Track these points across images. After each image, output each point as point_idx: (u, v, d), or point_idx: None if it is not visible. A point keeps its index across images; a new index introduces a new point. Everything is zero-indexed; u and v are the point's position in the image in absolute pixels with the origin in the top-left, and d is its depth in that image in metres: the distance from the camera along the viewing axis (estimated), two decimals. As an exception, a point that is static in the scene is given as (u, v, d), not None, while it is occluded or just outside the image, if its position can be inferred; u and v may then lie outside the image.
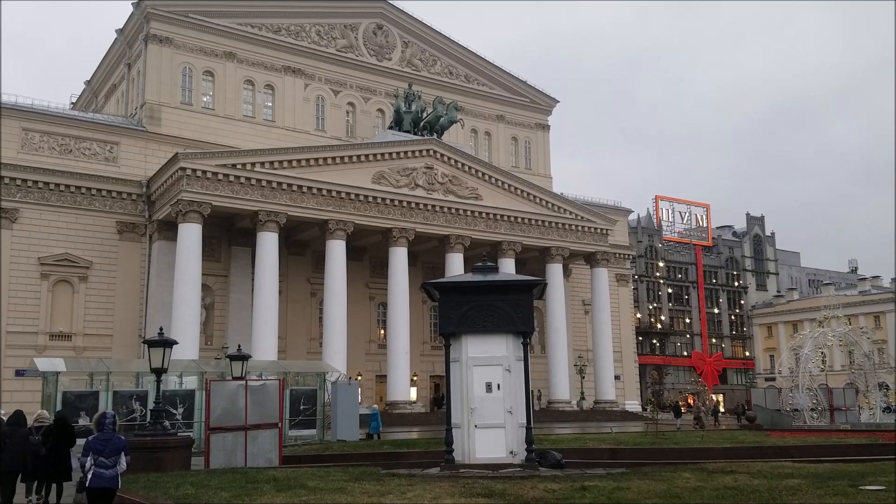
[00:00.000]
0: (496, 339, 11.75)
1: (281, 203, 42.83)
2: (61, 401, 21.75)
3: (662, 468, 11.44)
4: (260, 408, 15.22)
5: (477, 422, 11.53)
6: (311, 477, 10.90)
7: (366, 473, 11.33)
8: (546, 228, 52.58)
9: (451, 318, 11.83)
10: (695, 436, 21.61)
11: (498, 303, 11.70)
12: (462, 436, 11.62)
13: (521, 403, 11.63)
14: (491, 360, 11.71)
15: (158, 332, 14.48)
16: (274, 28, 51.89)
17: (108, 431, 10.28)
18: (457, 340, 11.90)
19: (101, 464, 9.96)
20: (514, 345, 11.83)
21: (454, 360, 11.88)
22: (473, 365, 11.72)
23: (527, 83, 62.39)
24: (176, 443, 13.47)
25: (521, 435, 11.50)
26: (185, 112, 47.69)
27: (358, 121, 54.99)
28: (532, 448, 11.46)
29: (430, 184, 48.67)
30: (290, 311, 47.94)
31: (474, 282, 11.94)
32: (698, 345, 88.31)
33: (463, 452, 11.52)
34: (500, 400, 11.57)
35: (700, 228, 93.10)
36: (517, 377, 11.72)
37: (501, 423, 11.50)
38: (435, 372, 54.56)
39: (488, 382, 11.69)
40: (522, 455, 11.44)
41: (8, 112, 41.45)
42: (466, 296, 11.85)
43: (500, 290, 11.87)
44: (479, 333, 11.77)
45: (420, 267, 53.96)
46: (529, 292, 11.93)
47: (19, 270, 40.41)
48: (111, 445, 10.10)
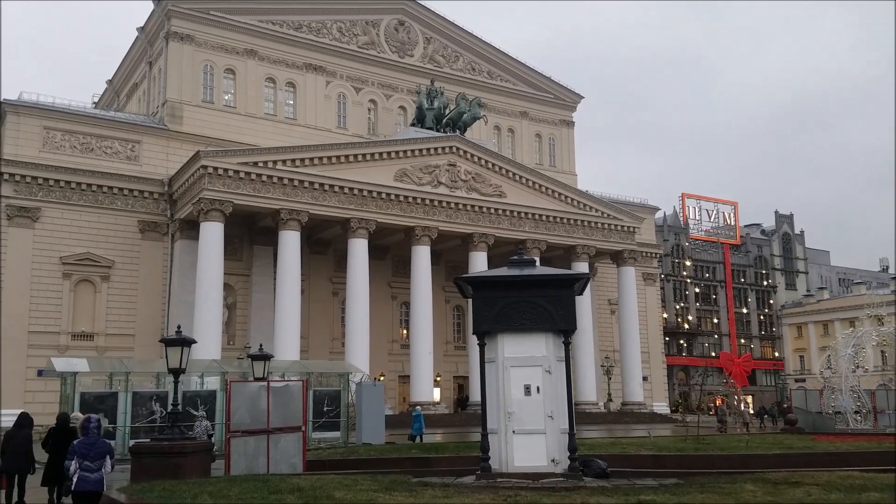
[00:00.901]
0: (535, 338, 10.88)
1: (303, 201, 42.30)
2: (79, 402, 21.23)
3: (718, 478, 10.53)
4: (283, 410, 14.49)
5: (515, 427, 10.68)
6: (337, 486, 10.14)
7: (396, 482, 10.53)
8: (571, 226, 51.53)
9: (485, 316, 10.98)
10: (737, 440, 20.59)
11: (537, 299, 10.83)
12: (499, 442, 10.78)
13: (562, 407, 10.75)
14: (529, 360, 10.84)
15: (176, 330, 13.79)
16: (295, 25, 51.39)
17: (93, 435, 10.42)
18: (492, 339, 11.05)
19: (87, 467, 10.06)
20: (554, 344, 10.95)
21: (489, 360, 11.03)
22: (510, 366, 10.86)
23: (550, 79, 61.35)
24: (194, 447, 12.73)
25: (563, 442, 10.62)
26: (207, 110, 47.34)
27: (380, 118, 54.34)
28: (575, 456, 10.59)
29: (453, 181, 47.86)
30: (312, 310, 47.40)
31: (511, 276, 11.07)
32: (726, 345, 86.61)
33: (500, 460, 10.68)
34: (539, 404, 10.70)
35: (728, 227, 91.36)
36: (558, 379, 10.85)
37: (542, 429, 10.63)
38: (458, 372, 53.80)
39: (527, 385, 10.82)
40: (565, 463, 10.56)
41: (29, 111, 41.31)
42: (502, 291, 10.99)
43: (539, 285, 10.98)
44: (516, 332, 10.91)
45: (443, 266, 53.21)
46: (571, 287, 11.04)
47: (41, 270, 40.22)
48: (96, 449, 10.21)
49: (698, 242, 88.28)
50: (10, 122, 40.88)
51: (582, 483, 10.19)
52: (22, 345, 38.82)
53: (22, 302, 39.33)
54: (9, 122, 40.86)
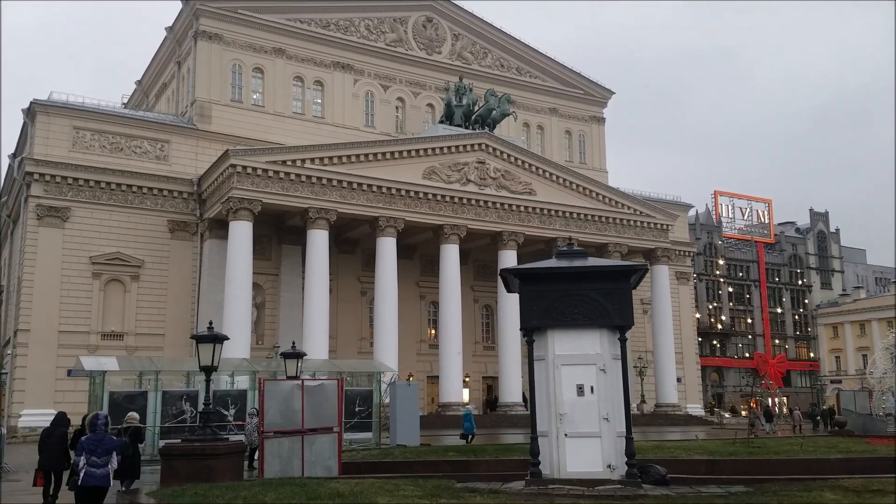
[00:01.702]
0: (588, 335, 10.15)
1: (331, 200, 41.94)
2: (108, 401, 20.88)
3: (788, 485, 9.72)
4: (317, 410, 13.88)
5: (567, 430, 9.96)
6: (379, 491, 9.53)
7: (440, 488, 9.88)
8: (603, 224, 50.56)
9: (534, 311, 10.26)
10: (788, 444, 19.64)
11: (590, 292, 10.09)
12: (550, 446, 10.06)
13: (619, 409, 10.01)
14: (582, 358, 10.11)
15: (208, 326, 13.26)
16: (323, 23, 51.07)
17: (101, 432, 10.65)
18: (541, 336, 10.34)
19: (93, 463, 10.31)
20: (609, 341, 10.21)
21: (538, 358, 10.31)
22: (561, 364, 10.14)
23: (580, 74, 60.38)
24: (227, 449, 12.17)
25: (619, 446, 9.86)
26: (236, 109, 47.19)
27: (407, 116, 53.84)
28: (634, 462, 9.83)
29: (482, 179, 47.18)
30: (341, 310, 47.02)
31: (562, 268, 10.35)
32: (761, 346, 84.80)
33: (551, 465, 9.97)
34: (594, 405, 9.97)
35: (761, 225, 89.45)
36: (614, 378, 10.11)
37: (596, 432, 9.90)
38: (487, 373, 53.13)
39: (579, 385, 10.09)
40: (622, 469, 9.82)
41: (59, 111, 41.41)
42: (553, 284, 10.27)
43: (592, 277, 10.24)
44: (567, 328, 10.18)
45: (471, 265, 52.58)
46: (627, 280, 10.28)
47: (71, 270, 40.24)
48: (103, 446, 10.44)
49: (731, 241, 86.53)
50: (41, 123, 41.00)
51: (642, 491, 9.45)
52: (52, 345, 38.87)
53: (52, 302, 39.38)
54: (39, 123, 40.97)
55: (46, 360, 38.33)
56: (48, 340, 38.80)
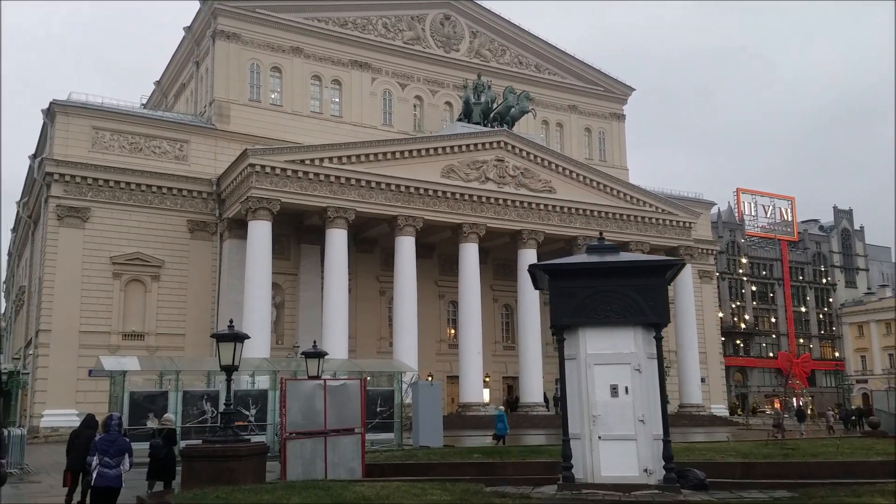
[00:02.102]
0: (622, 333, 9.74)
1: (349, 199, 41.78)
2: (128, 401, 20.73)
3: (834, 489, 9.27)
4: (340, 410, 13.58)
5: (601, 432, 9.56)
6: (405, 495, 9.20)
7: (469, 492, 9.52)
8: (624, 222, 49.95)
9: (565, 308, 9.86)
10: (823, 445, 19.08)
11: (624, 288, 9.68)
12: (583, 449, 9.66)
13: (655, 410, 9.59)
14: (616, 357, 9.70)
15: (228, 324, 12.99)
16: (340, 22, 50.90)
17: (114, 433, 10.76)
18: (572, 334, 9.94)
19: (106, 464, 10.40)
20: (644, 339, 9.79)
21: (569, 357, 9.92)
22: (594, 363, 9.74)
23: (600, 71, 59.74)
24: (248, 450, 11.85)
25: (657, 449, 9.44)
26: (254, 109, 47.14)
27: (426, 114, 53.54)
28: (672, 465, 9.41)
29: (501, 177, 46.77)
30: (360, 309, 46.81)
31: (594, 263, 9.95)
32: (784, 345, 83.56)
33: (584, 469, 9.57)
34: (628, 406, 9.56)
35: (784, 222, 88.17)
36: (649, 379, 9.70)
37: (632, 435, 9.49)
38: (507, 373, 52.72)
39: (613, 385, 9.68)
40: (659, 473, 9.40)
41: (78, 111, 41.52)
42: (584, 280, 9.86)
43: (625, 273, 9.82)
44: (600, 325, 9.77)
45: (490, 264, 52.17)
46: (663, 275, 9.86)
47: (91, 270, 40.33)
48: (115, 446, 10.54)
49: (754, 239, 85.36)
50: (60, 123, 41.14)
51: (681, 497, 9.04)
52: (73, 345, 38.97)
53: (73, 302, 39.49)
54: (58, 123, 41.12)
55: (68, 361, 38.44)
56: (69, 341, 38.91)
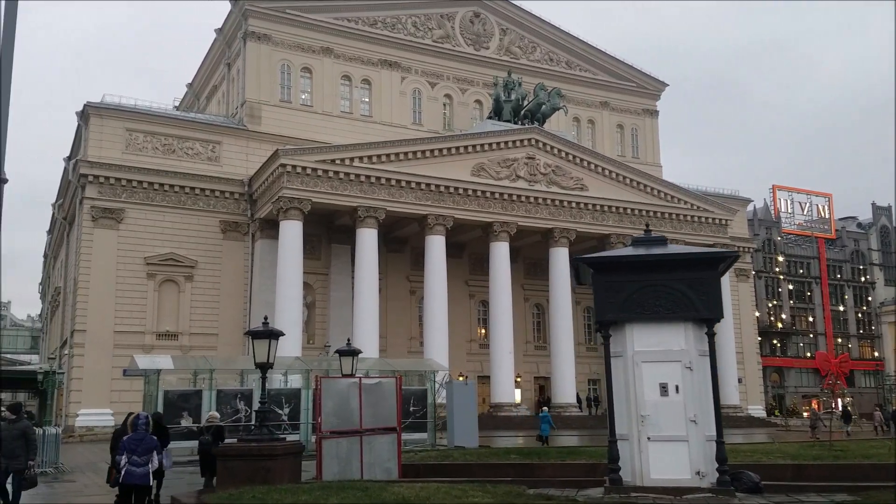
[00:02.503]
0: (671, 329, 9.31)
1: (379, 198, 41.71)
2: (162, 400, 20.72)
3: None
4: (375, 409, 13.32)
5: (650, 433, 9.14)
6: (445, 497, 8.88)
7: (511, 494, 9.18)
8: (658, 219, 49.09)
9: (610, 303, 9.45)
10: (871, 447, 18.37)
11: (674, 282, 9.25)
12: (631, 450, 9.26)
13: (707, 410, 9.15)
14: (666, 354, 9.27)
15: (263, 321, 12.80)
16: (370, 21, 50.84)
17: (142, 432, 11.00)
18: (618, 330, 9.53)
19: (134, 462, 10.63)
20: (695, 335, 9.35)
21: (616, 354, 9.51)
22: (642, 361, 9.32)
23: (632, 66, 58.88)
24: (284, 449, 11.65)
25: (709, 450, 9.00)
26: (285, 110, 47.26)
27: (455, 113, 53.25)
28: (726, 468, 8.96)
29: (532, 175, 46.31)
30: (390, 309, 46.67)
31: (642, 256, 9.54)
32: (822, 345, 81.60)
33: (632, 471, 9.17)
34: (679, 405, 9.13)
35: (822, 220, 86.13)
36: (701, 377, 9.25)
37: (683, 436, 9.05)
38: (539, 373, 52.20)
39: (663, 384, 9.26)
40: (712, 476, 8.96)
41: (112, 113, 41.96)
42: (632, 274, 9.44)
43: (676, 266, 9.37)
44: (648, 321, 9.35)
45: (521, 263, 51.72)
46: (715, 268, 9.40)
47: (126, 270, 40.72)
48: (143, 445, 10.79)
49: (791, 237, 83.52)
50: (94, 125, 41.60)
51: (736, 500, 8.59)
52: (108, 345, 39.36)
53: (107, 302, 39.89)
54: (92, 125, 41.58)
55: (102, 360, 38.83)
56: (104, 341, 39.31)
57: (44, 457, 19.10)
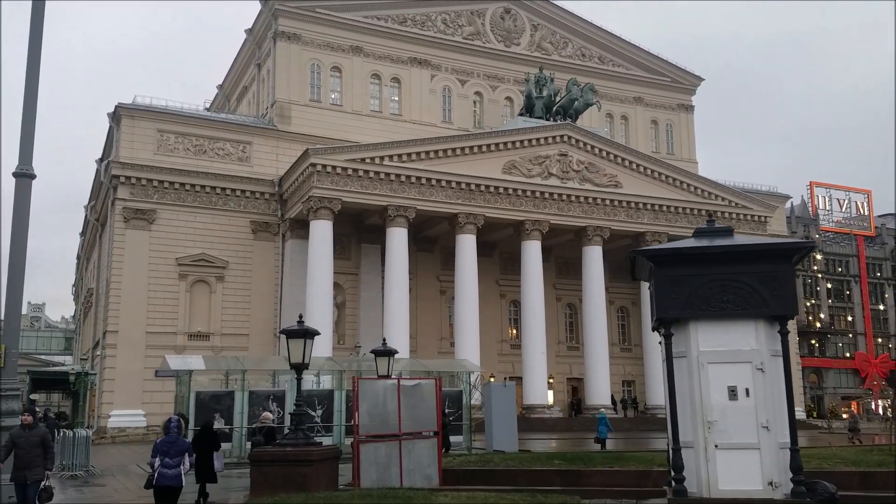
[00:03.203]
0: (741, 327, 8.57)
1: (410, 197, 41.26)
2: (194, 401, 20.33)
3: None
4: (414, 412, 12.71)
5: (718, 440, 8.42)
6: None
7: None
8: (695, 217, 47.87)
9: (673, 299, 8.73)
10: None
11: (743, 276, 8.51)
12: (696, 459, 8.54)
13: (781, 415, 8.41)
14: (735, 355, 8.54)
15: (298, 320, 12.29)
16: (399, 19, 50.39)
17: (173, 435, 11.23)
18: (681, 329, 8.81)
19: (166, 464, 10.85)
20: (767, 334, 8.60)
21: (678, 355, 8.80)
22: (708, 362, 8.60)
23: (667, 61, 57.67)
24: (321, 455, 11.05)
25: (783, 459, 8.28)
26: (315, 109, 47.00)
27: (485, 110, 52.57)
28: (801, 478, 8.21)
29: (565, 172, 45.46)
30: (420, 309, 46.14)
31: (708, 248, 8.80)
32: (862, 345, 79.39)
33: (698, 481, 8.45)
34: (750, 410, 8.39)
35: (861, 217, 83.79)
36: (774, 379, 8.50)
37: (754, 443, 8.32)
38: (572, 374, 51.30)
39: (731, 387, 8.52)
40: (786, 487, 8.22)
41: (143, 114, 42.01)
42: (696, 268, 8.71)
43: (744, 258, 8.61)
44: (715, 319, 8.62)
45: (553, 262, 50.86)
46: (788, 261, 8.63)
47: (158, 271, 40.71)
48: (175, 448, 11.03)
49: (829, 234, 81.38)
50: (126, 126, 41.67)
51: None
52: (140, 346, 39.36)
53: (139, 303, 39.91)
54: (124, 126, 41.66)
55: (134, 361, 38.83)
56: (136, 341, 39.32)
57: (74, 459, 18.82)
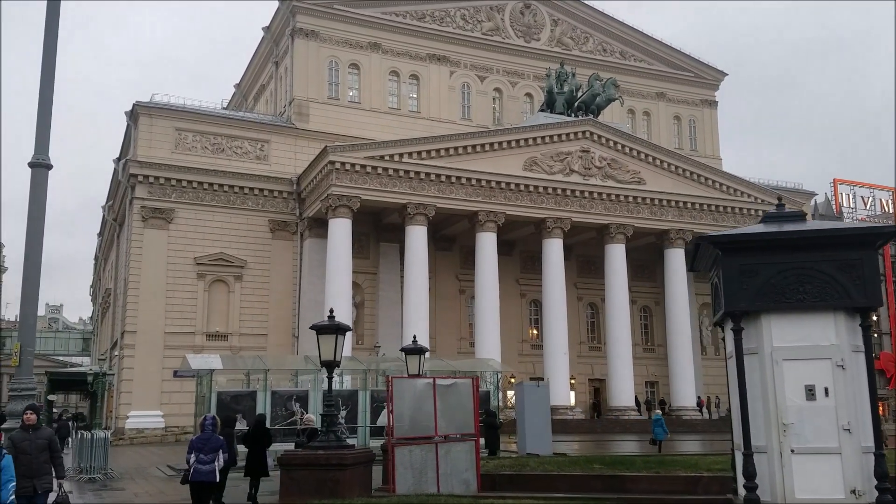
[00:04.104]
0: (818, 320, 7.81)
1: (429, 195, 40.66)
2: (216, 402, 19.74)
3: None
4: (451, 412, 11.98)
5: (794, 444, 7.67)
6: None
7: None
8: (720, 214, 46.96)
9: (743, 290, 7.96)
10: None
11: (820, 264, 7.74)
12: (769, 465, 7.79)
13: (864, 417, 7.64)
14: (812, 351, 7.79)
15: (329, 315, 11.62)
16: (418, 15, 49.77)
17: (208, 432, 11.69)
18: (752, 322, 8.06)
19: (201, 460, 11.28)
20: (847, 328, 7.84)
21: (749, 351, 8.04)
22: (783, 359, 7.85)
23: (689, 56, 56.64)
24: (354, 459, 10.33)
25: (867, 464, 7.53)
26: (332, 107, 46.48)
27: (505, 107, 51.84)
28: (887, 485, 7.45)
29: (587, 168, 44.64)
30: (439, 308, 45.45)
31: (783, 233, 8.05)
32: (888, 345, 77.67)
33: (771, 489, 7.70)
34: (830, 411, 7.63)
35: (885, 214, 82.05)
36: (856, 377, 7.74)
37: (835, 448, 7.57)
38: (593, 375, 50.43)
39: (809, 386, 7.77)
40: (871, 495, 7.48)
41: (161, 112, 41.65)
42: (769, 256, 7.93)
43: (823, 244, 7.83)
44: (790, 311, 7.85)
45: (574, 261, 50.00)
46: (871, 247, 7.86)
47: (176, 271, 40.33)
48: (210, 444, 11.46)
49: (853, 233, 79.82)
50: (143, 125, 41.32)
51: (906, 525, 7.11)
52: (158, 346, 38.98)
53: (158, 303, 39.54)
54: (142, 125, 41.30)
55: (153, 362, 38.46)
56: (154, 341, 38.95)
57: (92, 462, 18.30)
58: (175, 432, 35.51)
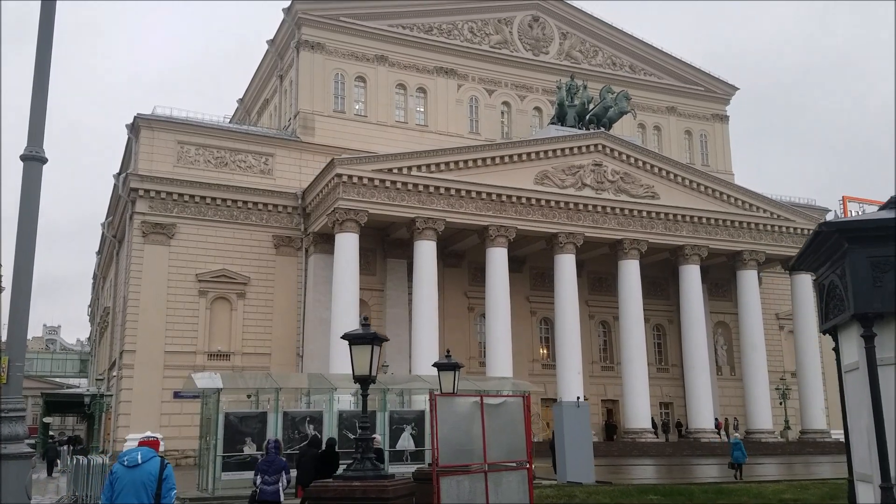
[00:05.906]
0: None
1: (438, 209, 39.41)
2: (223, 423, 18.23)
3: None
4: (501, 436, 10.57)
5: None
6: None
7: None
8: (736, 230, 45.77)
9: (878, 288, 6.68)
10: None
11: (973, 257, 6.49)
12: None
13: None
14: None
15: (363, 321, 10.27)
16: (426, 28, 48.86)
17: (272, 455, 12.45)
18: (884, 327, 6.77)
19: (266, 481, 11.96)
20: None
21: (884, 363, 6.75)
22: (926, 371, 6.56)
23: (700, 70, 55.84)
24: (395, 491, 8.81)
25: None
26: (338, 120, 45.36)
27: (513, 121, 50.82)
28: None
29: (599, 182, 43.49)
30: (447, 326, 44.02)
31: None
32: None
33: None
34: None
35: None
36: None
37: None
38: (606, 396, 48.90)
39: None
40: None
41: (163, 125, 40.48)
42: (907, 248, 6.70)
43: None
44: (932, 314, 6.59)
45: (585, 278, 48.69)
46: None
47: (177, 288, 38.91)
48: (273, 466, 12.18)
49: (864, 250, 78.87)
50: (145, 138, 40.12)
51: None
52: (158, 366, 37.47)
53: (158, 321, 38.09)
54: (143, 138, 40.11)
55: (152, 382, 36.93)
56: (154, 361, 37.44)
57: (88, 490, 16.83)
58: (175, 456, 33.87)
